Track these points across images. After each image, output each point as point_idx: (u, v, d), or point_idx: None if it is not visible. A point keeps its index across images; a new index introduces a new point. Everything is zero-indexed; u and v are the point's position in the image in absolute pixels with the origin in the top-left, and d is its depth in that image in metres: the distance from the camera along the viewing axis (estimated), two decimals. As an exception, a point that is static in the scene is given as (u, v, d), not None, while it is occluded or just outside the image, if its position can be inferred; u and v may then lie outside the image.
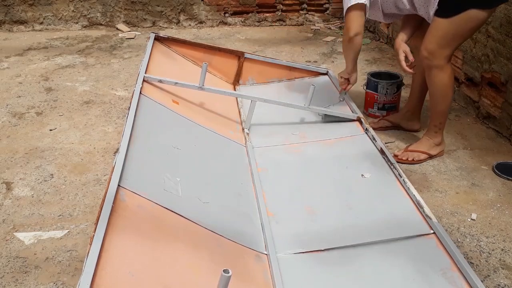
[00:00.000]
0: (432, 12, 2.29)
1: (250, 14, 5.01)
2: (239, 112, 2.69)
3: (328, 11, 5.13)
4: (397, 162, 2.25)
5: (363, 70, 3.78)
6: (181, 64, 2.88)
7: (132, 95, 2.16)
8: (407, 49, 2.45)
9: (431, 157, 2.52)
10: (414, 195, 1.92)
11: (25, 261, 1.85)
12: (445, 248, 1.66)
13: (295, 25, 5.07)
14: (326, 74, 3.04)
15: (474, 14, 2.16)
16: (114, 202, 1.42)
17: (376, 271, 1.62)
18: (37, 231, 2.01)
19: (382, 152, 2.22)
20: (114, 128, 2.86)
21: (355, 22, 2.39)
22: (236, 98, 2.81)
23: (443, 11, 2.22)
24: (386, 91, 2.92)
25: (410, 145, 2.58)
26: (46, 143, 2.69)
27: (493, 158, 2.54)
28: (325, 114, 2.57)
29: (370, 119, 2.95)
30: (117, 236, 1.33)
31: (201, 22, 4.96)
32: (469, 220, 2.10)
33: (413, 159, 2.49)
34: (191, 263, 1.46)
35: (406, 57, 2.43)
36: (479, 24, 2.23)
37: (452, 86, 2.42)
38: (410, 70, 2.43)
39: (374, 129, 2.54)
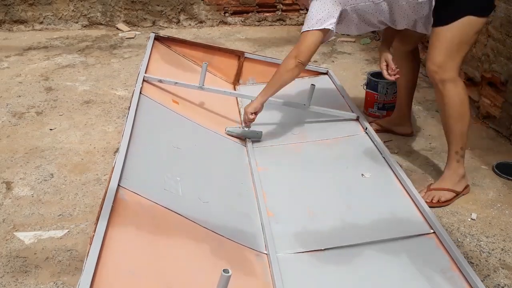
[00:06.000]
0: (418, 21, 2.16)
1: (250, 14, 5.01)
2: (239, 112, 2.69)
3: (328, 11, 5.12)
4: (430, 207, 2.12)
5: (363, 70, 3.78)
6: (181, 64, 2.88)
7: (132, 95, 2.16)
8: (389, 57, 2.35)
9: (458, 194, 2.21)
10: (414, 194, 1.92)
11: (25, 260, 1.85)
12: (445, 248, 1.66)
13: (295, 24, 5.07)
14: (326, 73, 3.04)
15: (473, 20, 2.05)
16: (114, 202, 1.43)
17: (376, 270, 1.62)
18: (37, 231, 2.01)
19: (382, 151, 2.23)
20: (114, 128, 2.86)
21: (312, 50, 2.18)
22: (236, 98, 2.81)
23: (441, 20, 2.07)
24: (386, 91, 2.92)
25: (432, 183, 2.28)
26: (46, 143, 2.69)
27: (493, 158, 2.54)
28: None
29: (370, 118, 2.95)
30: (118, 235, 1.34)
31: (201, 22, 4.96)
32: (469, 220, 2.10)
33: (438, 200, 2.17)
34: (192, 262, 1.46)
35: (387, 65, 2.34)
36: (478, 30, 2.10)
37: (468, 102, 2.16)
38: (392, 78, 2.34)
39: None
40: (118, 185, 1.52)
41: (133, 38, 4.56)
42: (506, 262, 1.87)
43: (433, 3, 2.06)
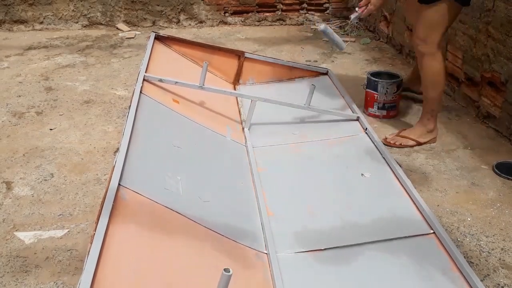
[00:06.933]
0: None
1: (250, 14, 5.01)
2: (239, 111, 2.69)
3: (328, 11, 5.13)
4: (385, 145, 2.41)
5: (363, 69, 3.78)
6: (181, 64, 2.88)
7: (133, 94, 2.16)
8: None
9: (419, 144, 2.63)
10: (414, 194, 1.92)
11: (25, 260, 1.85)
12: (445, 248, 1.66)
13: (295, 24, 5.07)
14: (326, 74, 3.04)
15: (452, 5, 2.38)
16: (114, 201, 1.42)
17: (376, 270, 1.62)
18: (37, 231, 2.01)
19: (382, 151, 2.23)
20: (114, 128, 2.86)
21: None
22: (236, 98, 2.81)
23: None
24: (386, 91, 2.93)
25: (402, 130, 2.71)
26: (46, 143, 2.69)
27: (493, 158, 2.54)
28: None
29: (371, 118, 2.95)
30: (118, 234, 1.34)
31: (201, 22, 4.96)
32: (469, 219, 2.10)
33: (400, 144, 2.62)
34: (192, 261, 1.46)
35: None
36: (455, 14, 2.46)
37: (443, 74, 2.55)
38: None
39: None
40: (119, 184, 1.52)
41: (133, 38, 4.56)
42: (506, 261, 1.87)
43: None
